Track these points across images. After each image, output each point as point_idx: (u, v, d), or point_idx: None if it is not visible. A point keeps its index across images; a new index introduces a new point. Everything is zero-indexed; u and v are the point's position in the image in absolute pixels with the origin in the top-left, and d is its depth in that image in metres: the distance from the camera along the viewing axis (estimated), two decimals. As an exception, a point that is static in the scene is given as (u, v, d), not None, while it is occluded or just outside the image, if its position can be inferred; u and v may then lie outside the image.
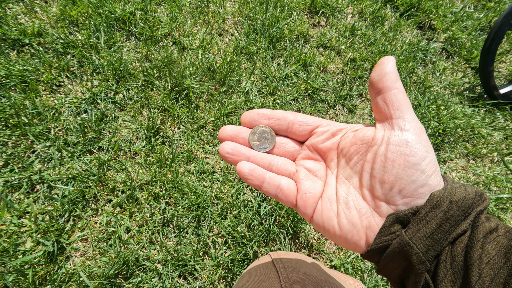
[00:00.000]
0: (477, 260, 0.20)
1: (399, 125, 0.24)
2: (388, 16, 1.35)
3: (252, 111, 0.29)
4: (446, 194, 0.22)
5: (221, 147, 0.28)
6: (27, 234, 0.71)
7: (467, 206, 0.22)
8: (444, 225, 0.22)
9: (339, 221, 0.26)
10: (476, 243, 0.21)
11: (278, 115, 0.28)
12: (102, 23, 1.02)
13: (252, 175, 0.27)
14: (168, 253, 0.75)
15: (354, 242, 0.25)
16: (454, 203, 0.22)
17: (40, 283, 0.67)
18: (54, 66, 0.93)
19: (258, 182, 0.27)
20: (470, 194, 0.22)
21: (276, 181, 0.27)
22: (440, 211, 0.22)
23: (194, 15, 1.16)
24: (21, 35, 0.93)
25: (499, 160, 1.08)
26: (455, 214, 0.22)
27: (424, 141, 0.23)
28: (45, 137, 0.83)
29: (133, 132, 0.90)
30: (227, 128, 0.29)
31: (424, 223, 0.22)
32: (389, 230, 0.23)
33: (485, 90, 1.18)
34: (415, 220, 0.22)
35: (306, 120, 0.29)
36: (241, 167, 0.27)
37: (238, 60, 1.07)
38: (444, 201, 0.22)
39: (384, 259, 0.23)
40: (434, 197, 0.22)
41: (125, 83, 0.96)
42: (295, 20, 1.24)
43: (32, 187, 0.77)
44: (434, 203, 0.22)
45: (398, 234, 0.23)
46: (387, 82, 0.24)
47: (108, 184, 0.80)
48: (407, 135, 0.23)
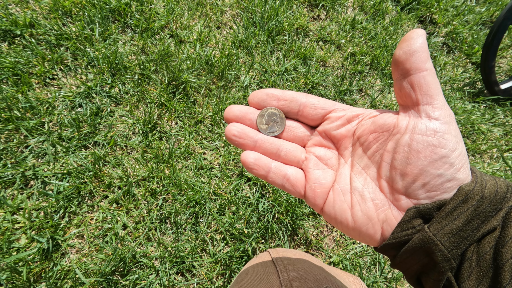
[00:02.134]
0: (509, 260, 0.19)
1: (426, 112, 0.21)
2: (389, 9, 1.33)
3: (260, 91, 0.27)
4: (476, 188, 0.20)
5: (227, 129, 0.26)
6: (21, 231, 0.70)
7: (498, 200, 0.20)
8: (473, 221, 0.20)
9: (353, 213, 0.24)
10: (508, 240, 0.19)
11: (289, 96, 0.26)
12: (97, 14, 1.00)
13: (257, 165, 0.25)
14: (165, 249, 0.75)
15: (368, 235, 0.24)
16: (485, 197, 0.20)
17: (35, 281, 0.66)
18: (47, 58, 0.90)
19: (264, 172, 0.25)
20: (502, 188, 0.21)
21: (282, 171, 0.26)
22: (470, 206, 0.20)
23: (191, 7, 1.13)
24: (12, 26, 0.90)
25: (498, 156, 1.08)
26: (486, 210, 0.20)
27: (454, 131, 0.21)
28: (38, 132, 0.81)
29: (130, 127, 0.88)
30: (234, 108, 0.27)
31: (451, 218, 0.20)
32: (409, 224, 0.22)
33: (486, 86, 1.17)
34: (440, 215, 0.21)
35: (320, 103, 0.26)
36: (246, 157, 0.25)
37: (236, 53, 1.05)
38: (474, 196, 0.20)
39: (402, 254, 0.22)
40: (463, 191, 0.20)
41: (121, 76, 0.94)
42: (294, 13, 1.22)
43: (26, 182, 0.75)
44: (463, 198, 0.20)
45: (420, 229, 0.21)
46: (416, 62, 0.21)
47: (104, 180, 0.79)
48: (436, 124, 0.21)
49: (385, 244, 0.23)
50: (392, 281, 0.80)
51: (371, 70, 1.18)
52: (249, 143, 0.26)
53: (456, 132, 0.21)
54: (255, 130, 0.27)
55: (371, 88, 1.14)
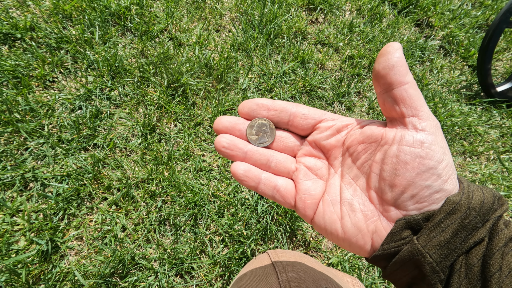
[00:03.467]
0: (497, 272, 0.19)
1: (413, 123, 0.21)
2: (386, 13, 1.35)
3: (250, 101, 0.26)
4: (463, 199, 0.20)
5: (217, 140, 0.26)
6: (20, 233, 0.70)
7: (485, 211, 0.20)
8: (460, 233, 0.20)
9: (342, 224, 0.24)
10: (495, 252, 0.19)
11: (279, 106, 0.26)
12: (97, 17, 1.00)
13: (247, 176, 0.25)
14: (164, 251, 0.75)
15: (358, 246, 0.24)
16: (472, 209, 0.20)
17: (33, 283, 0.66)
18: (47, 61, 0.91)
19: (254, 184, 0.25)
20: (488, 198, 0.21)
21: (272, 182, 0.26)
22: (457, 218, 0.20)
23: (190, 10, 1.14)
24: (13, 29, 0.91)
25: (495, 158, 1.09)
26: (473, 221, 0.20)
27: (440, 142, 0.21)
28: (38, 134, 0.81)
29: (129, 129, 0.88)
30: (223, 119, 0.26)
31: (439, 230, 0.20)
32: (399, 236, 0.21)
33: (482, 88, 1.18)
34: (429, 227, 0.21)
35: (309, 113, 0.26)
36: (236, 168, 0.25)
37: (235, 56, 1.06)
38: (461, 207, 0.20)
39: (392, 266, 0.22)
40: (450, 203, 0.20)
41: (120, 79, 0.94)
42: (293, 17, 1.23)
43: (25, 185, 0.76)
44: (450, 209, 0.20)
45: (409, 241, 0.21)
46: (396, 76, 0.21)
47: (104, 182, 0.79)
48: (423, 135, 0.21)
49: (375, 256, 0.23)
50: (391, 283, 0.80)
51: (369, 72, 1.19)
52: (239, 154, 0.26)
53: (442, 143, 0.21)
54: (244, 141, 0.27)
55: (369, 90, 1.15)
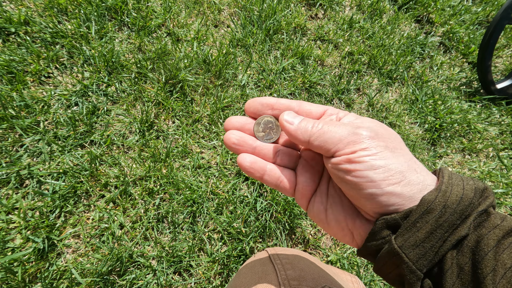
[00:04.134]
0: (490, 273, 0.18)
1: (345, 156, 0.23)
2: (386, 9, 1.33)
3: (255, 101, 0.28)
4: (439, 197, 0.20)
5: (226, 137, 0.27)
6: (16, 231, 0.69)
7: (463, 208, 0.20)
8: (436, 232, 0.20)
9: (327, 215, 0.26)
10: (488, 252, 0.19)
11: (283, 105, 0.28)
12: (93, 12, 0.99)
13: (252, 168, 0.27)
14: (163, 249, 0.74)
15: (341, 237, 0.25)
16: (447, 206, 0.20)
17: (30, 281, 0.65)
18: (43, 56, 0.89)
19: (259, 174, 0.27)
20: (468, 194, 0.20)
21: (276, 174, 0.27)
22: (432, 217, 0.20)
23: (188, 5, 1.12)
24: (7, 23, 0.89)
25: (494, 155, 1.09)
26: (449, 219, 0.20)
27: (370, 151, 0.21)
28: (33, 131, 0.80)
29: (126, 125, 0.87)
30: (233, 120, 0.28)
31: (415, 230, 0.20)
32: (379, 235, 0.22)
33: (482, 85, 1.18)
34: (405, 227, 0.21)
35: (312, 109, 0.28)
36: (242, 160, 0.27)
37: (234, 52, 1.05)
38: (436, 206, 0.20)
39: (377, 263, 0.23)
40: (425, 202, 0.20)
41: (117, 75, 0.93)
42: (292, 12, 1.22)
43: (21, 182, 0.75)
44: (425, 209, 0.20)
45: (388, 240, 0.21)
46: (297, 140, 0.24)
47: (101, 179, 0.78)
48: (350, 156, 0.22)
49: (360, 251, 0.24)
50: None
51: (369, 69, 1.18)
52: (248, 150, 0.28)
53: (372, 151, 0.21)
54: (253, 137, 0.28)
55: (368, 87, 1.14)
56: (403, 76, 1.19)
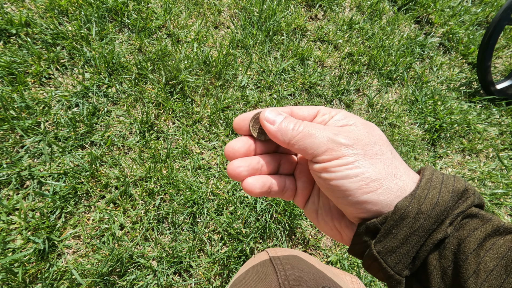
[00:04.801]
0: (471, 276, 0.18)
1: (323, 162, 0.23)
2: (386, 10, 1.34)
3: (244, 118, 0.27)
4: (412, 204, 0.20)
5: (235, 170, 0.25)
6: (16, 232, 0.69)
7: (439, 212, 0.20)
8: (411, 238, 0.20)
9: (318, 216, 0.27)
10: (469, 255, 0.19)
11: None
12: (93, 13, 0.99)
13: (262, 192, 0.26)
14: (163, 250, 0.74)
15: (333, 236, 0.27)
16: (422, 212, 0.20)
17: (30, 282, 0.65)
18: (43, 58, 0.89)
19: (267, 193, 0.27)
20: (443, 198, 0.20)
21: (281, 186, 0.27)
22: (405, 224, 0.20)
23: (189, 6, 1.13)
24: (8, 25, 0.90)
25: (494, 156, 1.09)
26: (424, 225, 0.20)
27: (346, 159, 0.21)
28: (34, 132, 0.80)
29: (127, 126, 0.87)
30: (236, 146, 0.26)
31: (391, 236, 0.21)
32: (361, 239, 0.23)
33: (482, 86, 1.18)
34: (382, 233, 0.21)
35: (304, 113, 0.27)
36: (252, 187, 0.25)
37: (234, 53, 1.05)
38: (409, 212, 0.20)
39: (364, 263, 0.23)
40: (398, 209, 0.20)
41: (118, 76, 0.93)
42: (292, 13, 1.22)
43: (22, 183, 0.75)
44: (399, 216, 0.20)
45: (369, 245, 0.22)
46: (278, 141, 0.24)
47: (101, 180, 0.78)
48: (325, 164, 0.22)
49: (349, 250, 0.25)
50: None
51: (369, 70, 1.18)
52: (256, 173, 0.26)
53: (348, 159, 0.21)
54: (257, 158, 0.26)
55: (368, 88, 1.14)
56: (403, 76, 1.19)
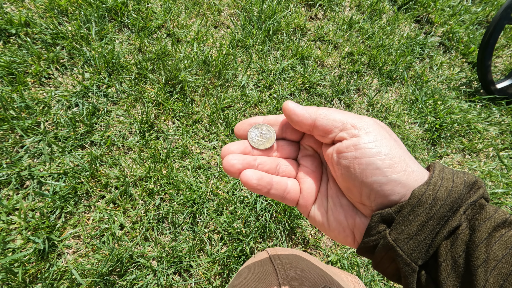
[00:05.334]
0: (481, 264, 0.18)
1: (344, 136, 0.23)
2: (386, 9, 1.33)
3: (243, 123, 0.28)
4: (429, 190, 0.20)
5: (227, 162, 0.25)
6: (16, 232, 0.69)
7: (453, 200, 0.20)
8: (428, 224, 0.20)
9: (327, 217, 0.26)
10: (479, 244, 0.19)
11: (271, 121, 0.28)
12: (93, 13, 0.99)
13: (260, 185, 0.25)
14: (163, 249, 0.74)
15: (342, 238, 0.25)
16: (437, 199, 0.20)
17: (30, 282, 0.65)
18: (43, 57, 0.89)
19: (266, 190, 0.26)
20: (457, 186, 0.21)
21: (283, 186, 0.27)
22: (422, 210, 0.20)
23: (188, 6, 1.13)
24: (7, 25, 0.90)
25: (494, 155, 1.09)
26: (440, 211, 0.20)
27: (373, 136, 0.22)
28: (34, 132, 0.80)
29: (126, 126, 0.87)
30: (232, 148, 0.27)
31: (407, 223, 0.21)
32: (375, 230, 0.22)
33: (482, 85, 1.18)
34: (398, 221, 0.21)
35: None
36: (248, 178, 0.25)
37: (234, 53, 1.05)
38: (426, 199, 0.20)
39: (375, 259, 0.23)
40: (415, 195, 0.21)
41: (117, 76, 0.93)
42: (292, 13, 1.22)
43: (22, 183, 0.75)
44: (416, 202, 0.20)
45: (384, 235, 0.22)
46: (304, 125, 0.25)
47: (101, 180, 0.78)
48: (352, 140, 0.22)
49: (359, 248, 0.24)
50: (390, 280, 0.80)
51: (369, 69, 1.18)
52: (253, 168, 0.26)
53: (376, 136, 0.22)
54: (253, 156, 0.27)
55: (368, 87, 1.14)
56: (403, 76, 1.19)
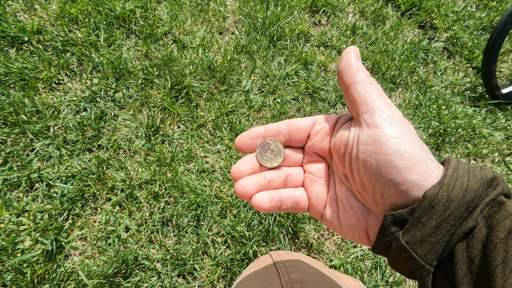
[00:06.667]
0: (499, 265, 0.17)
1: (366, 121, 0.22)
2: (389, 15, 1.34)
3: (244, 137, 0.27)
4: (442, 191, 0.19)
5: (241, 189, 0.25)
6: (25, 233, 0.71)
7: (469, 200, 0.19)
8: (442, 226, 0.20)
9: (340, 221, 0.26)
10: (497, 244, 0.18)
11: (272, 130, 0.27)
12: (102, 21, 1.02)
13: (271, 207, 0.25)
14: (167, 252, 0.75)
15: (357, 239, 0.25)
16: (451, 200, 0.19)
17: (38, 282, 0.67)
18: (54, 64, 0.92)
19: (277, 208, 0.26)
20: (473, 185, 0.20)
21: (291, 198, 0.26)
22: (436, 212, 0.19)
23: (194, 13, 1.15)
24: (20, 32, 0.93)
25: (500, 161, 1.08)
26: (454, 213, 0.19)
27: (396, 132, 0.21)
28: (44, 135, 0.82)
29: (133, 130, 0.89)
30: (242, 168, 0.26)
31: (420, 225, 0.20)
32: (388, 231, 0.22)
33: (487, 90, 1.17)
34: (411, 222, 0.20)
35: (300, 125, 0.27)
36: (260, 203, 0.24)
37: (238, 58, 1.07)
38: (439, 200, 0.19)
39: (390, 258, 0.23)
40: (428, 196, 0.20)
41: (124, 81, 0.95)
42: (296, 19, 1.24)
43: (31, 185, 0.77)
44: (429, 203, 0.20)
45: (396, 236, 0.21)
46: (347, 77, 0.23)
47: (108, 183, 0.80)
48: (374, 132, 0.21)
49: (373, 248, 0.24)
50: (394, 285, 0.80)
51: (372, 74, 1.19)
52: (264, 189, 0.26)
53: (399, 133, 0.21)
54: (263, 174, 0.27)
55: (372, 92, 1.15)
56: (407, 81, 1.19)
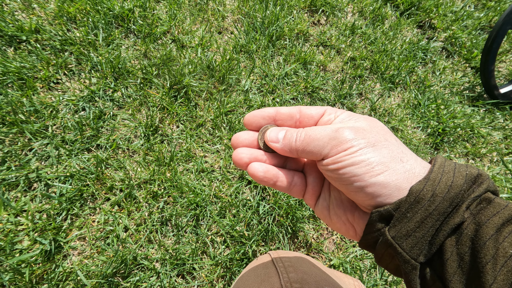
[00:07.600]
0: (490, 261, 0.18)
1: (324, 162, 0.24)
2: (388, 15, 1.35)
3: (255, 115, 0.28)
4: (427, 186, 0.20)
5: (237, 156, 0.27)
6: (24, 233, 0.70)
7: (453, 196, 0.20)
8: (426, 220, 0.20)
9: (329, 212, 0.27)
10: (487, 240, 0.18)
11: (284, 114, 0.28)
12: (101, 20, 1.01)
13: (266, 177, 0.26)
14: (166, 252, 0.75)
15: (344, 232, 0.26)
16: (436, 195, 0.20)
17: (37, 282, 0.66)
18: (52, 63, 0.92)
19: (272, 182, 0.27)
20: (457, 181, 0.20)
21: (289, 179, 0.27)
22: (421, 207, 0.20)
23: (193, 12, 1.15)
24: (18, 31, 0.92)
25: (498, 160, 1.08)
26: (439, 207, 0.20)
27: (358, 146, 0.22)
28: (42, 135, 0.82)
29: (132, 130, 0.89)
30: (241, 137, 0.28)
31: (406, 220, 0.20)
32: (374, 227, 0.22)
33: (486, 90, 1.18)
34: (396, 218, 0.21)
35: (312, 113, 0.28)
36: (255, 170, 0.26)
37: (237, 58, 1.07)
38: (424, 195, 0.20)
39: (376, 254, 0.23)
40: (413, 192, 0.20)
41: (123, 80, 0.95)
42: (295, 19, 1.24)
43: (29, 185, 0.76)
44: (414, 198, 0.20)
45: (383, 232, 0.22)
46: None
47: (106, 183, 0.80)
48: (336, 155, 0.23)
49: (359, 243, 0.24)
50: (393, 284, 0.80)
51: (371, 74, 1.19)
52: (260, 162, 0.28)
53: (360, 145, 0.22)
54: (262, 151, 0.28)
55: (370, 92, 1.15)
56: (406, 81, 1.19)
